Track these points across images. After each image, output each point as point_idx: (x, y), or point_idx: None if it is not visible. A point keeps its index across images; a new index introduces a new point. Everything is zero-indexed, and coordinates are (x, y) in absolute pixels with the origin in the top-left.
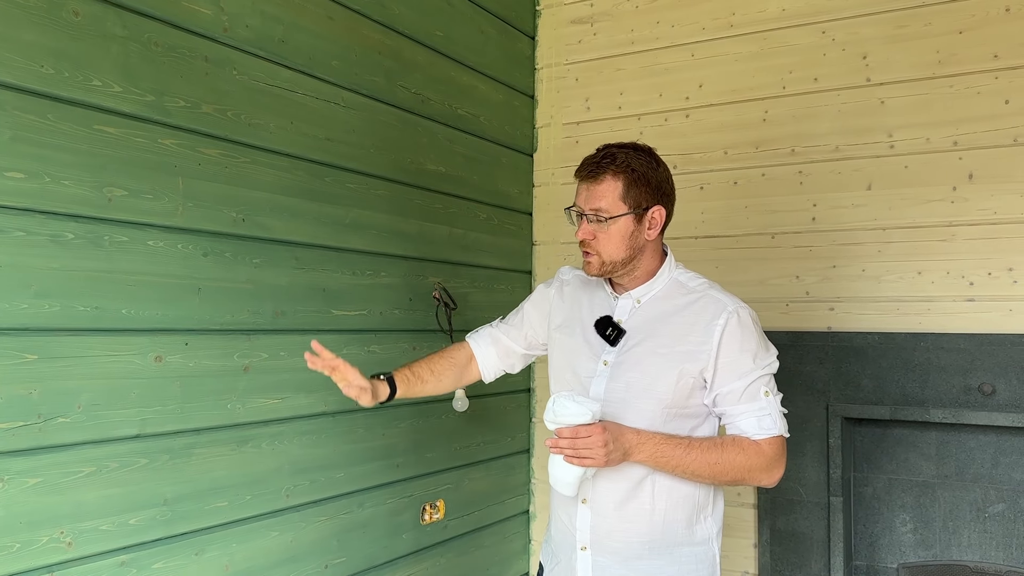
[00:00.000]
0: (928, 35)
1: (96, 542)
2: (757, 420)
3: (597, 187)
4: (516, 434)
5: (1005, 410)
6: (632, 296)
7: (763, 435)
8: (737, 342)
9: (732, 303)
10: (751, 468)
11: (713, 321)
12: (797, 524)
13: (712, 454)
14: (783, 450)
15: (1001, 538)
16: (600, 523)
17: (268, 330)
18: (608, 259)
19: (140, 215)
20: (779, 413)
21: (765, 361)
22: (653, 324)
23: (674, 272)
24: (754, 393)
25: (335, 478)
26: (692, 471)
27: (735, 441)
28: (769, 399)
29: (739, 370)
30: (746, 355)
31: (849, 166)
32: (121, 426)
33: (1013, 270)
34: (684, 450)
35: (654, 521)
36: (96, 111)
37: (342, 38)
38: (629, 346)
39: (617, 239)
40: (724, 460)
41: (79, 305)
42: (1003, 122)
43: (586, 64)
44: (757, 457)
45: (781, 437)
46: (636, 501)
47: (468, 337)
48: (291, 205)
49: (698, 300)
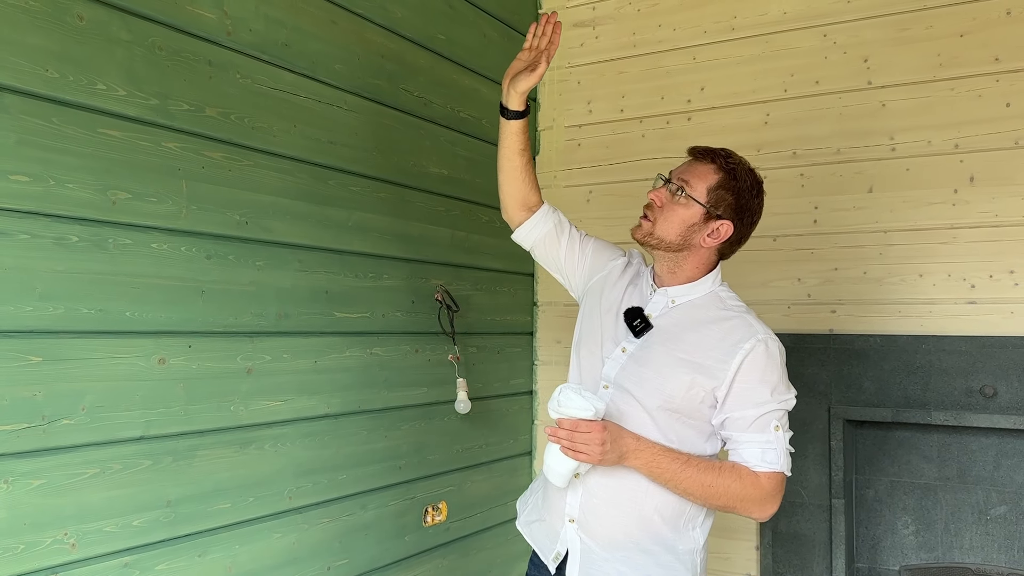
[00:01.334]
0: (929, 38)
1: (100, 543)
2: (761, 451)
3: (699, 166)
4: (518, 436)
5: (1007, 412)
6: (669, 294)
7: (764, 468)
8: (759, 371)
9: (763, 332)
10: (744, 498)
11: (739, 344)
12: (799, 526)
13: (707, 476)
14: (781, 487)
15: (1003, 540)
16: (589, 502)
17: (271, 332)
18: (658, 232)
19: (144, 218)
20: (785, 450)
21: (783, 396)
22: (680, 329)
23: (717, 287)
24: (764, 424)
25: (338, 480)
26: (685, 488)
27: (734, 468)
28: (778, 434)
29: (754, 399)
30: (765, 386)
31: (850, 169)
32: (125, 428)
33: (1014, 272)
34: (680, 465)
35: (641, 516)
36: (100, 115)
37: (345, 42)
38: (651, 343)
39: (678, 220)
40: (718, 484)
41: (83, 307)
42: (1004, 125)
43: (588, 67)
44: (753, 489)
45: (782, 474)
46: (627, 491)
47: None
48: (294, 208)
49: (731, 319)
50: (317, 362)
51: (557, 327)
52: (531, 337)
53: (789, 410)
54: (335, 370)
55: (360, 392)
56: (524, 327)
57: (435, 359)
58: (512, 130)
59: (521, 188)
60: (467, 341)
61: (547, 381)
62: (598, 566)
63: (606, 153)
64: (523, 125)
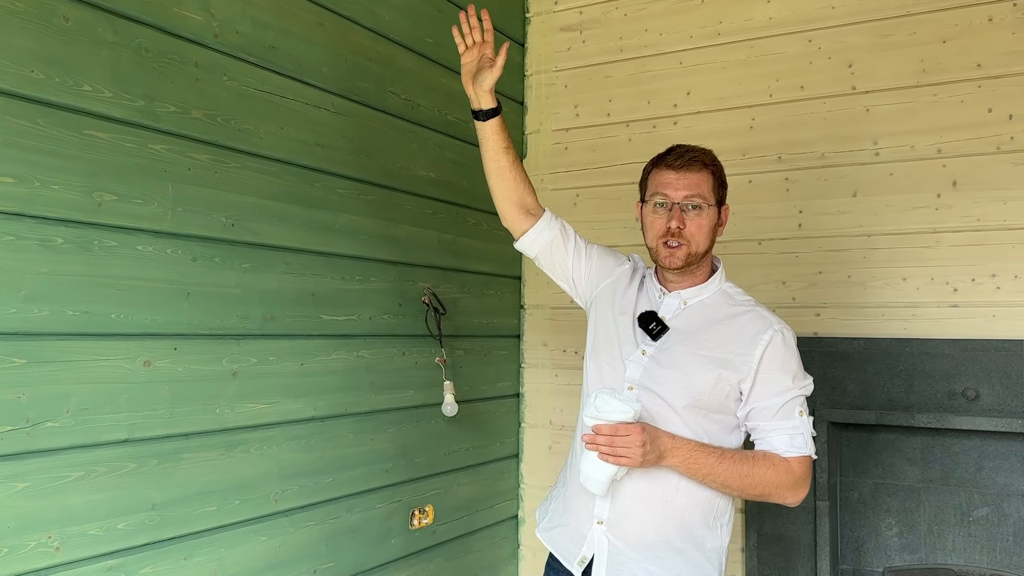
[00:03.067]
0: (913, 44)
1: (84, 547)
2: (789, 438)
3: (693, 176)
4: (505, 439)
5: (989, 415)
6: (680, 296)
7: (793, 453)
8: (780, 360)
9: (778, 323)
10: (779, 484)
11: (758, 336)
12: (784, 528)
13: (744, 466)
14: (810, 470)
15: (985, 541)
16: (620, 503)
17: (257, 335)
18: (695, 249)
19: (130, 220)
20: (810, 434)
21: (803, 382)
22: (696, 328)
23: (723, 283)
24: (789, 411)
25: (324, 483)
26: (722, 481)
27: (766, 456)
28: (803, 419)
29: (778, 387)
30: (787, 374)
31: (835, 173)
32: (110, 431)
33: (996, 276)
34: (716, 459)
35: (672, 515)
36: (86, 116)
37: (332, 44)
38: (670, 344)
39: (706, 229)
40: (755, 474)
41: (68, 309)
42: (986, 130)
43: (575, 71)
44: (786, 474)
45: (809, 457)
46: (658, 490)
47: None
48: (281, 210)
49: (744, 314)
50: (303, 365)
51: (544, 330)
52: (518, 340)
53: (808, 394)
54: (321, 373)
55: (346, 395)
56: (511, 330)
57: (422, 362)
58: (491, 130)
59: (513, 188)
60: (454, 344)
61: (534, 384)
62: (627, 567)
63: (593, 157)
64: (500, 123)
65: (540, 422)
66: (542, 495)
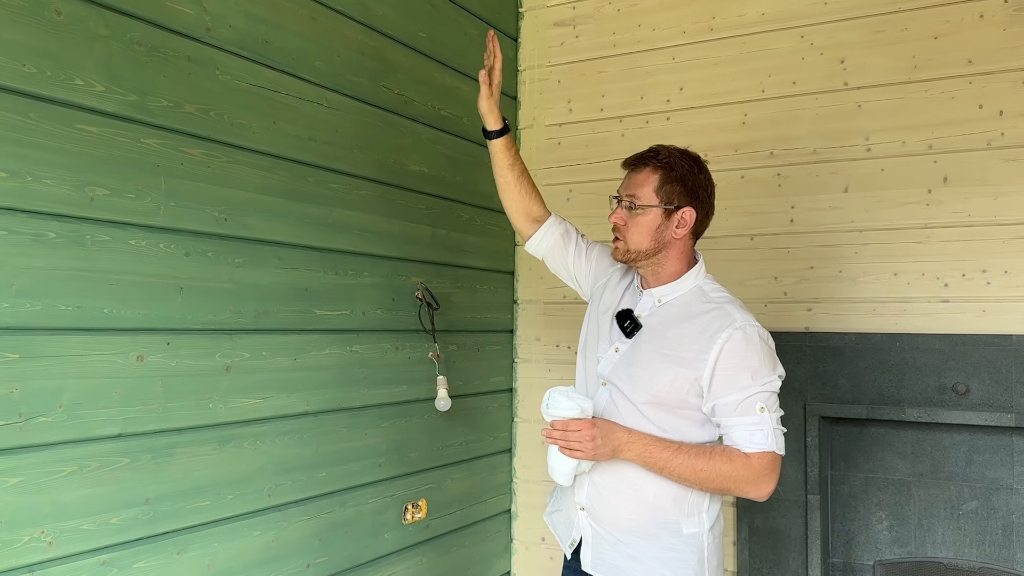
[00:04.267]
0: (904, 40)
1: (77, 542)
2: (749, 434)
3: (636, 176)
4: (499, 434)
5: (978, 409)
6: (654, 295)
7: (753, 449)
8: (738, 357)
9: (742, 320)
10: (737, 479)
11: (717, 334)
12: (775, 522)
13: (699, 460)
14: (774, 466)
15: (974, 535)
16: (596, 492)
17: (250, 330)
18: (633, 247)
19: (122, 214)
20: (773, 430)
21: (765, 379)
22: (666, 326)
23: (701, 280)
24: (749, 408)
25: (317, 478)
26: (679, 474)
27: (724, 451)
28: (764, 415)
29: (736, 384)
30: (745, 371)
31: (826, 169)
32: (103, 425)
33: (987, 271)
34: (672, 453)
35: (642, 503)
36: (78, 110)
37: (325, 39)
38: (640, 342)
39: (644, 229)
40: (710, 467)
41: (61, 304)
42: (977, 126)
43: (568, 66)
44: (744, 469)
45: (773, 453)
46: (628, 480)
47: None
48: (274, 205)
49: (711, 312)
50: (297, 360)
51: (537, 325)
52: (511, 335)
53: (775, 391)
54: (315, 368)
55: (340, 390)
56: (504, 325)
57: (415, 357)
58: (495, 149)
59: (519, 201)
60: (447, 339)
61: (527, 378)
62: (608, 551)
63: (586, 152)
64: (505, 142)
65: (533, 417)
66: (535, 489)
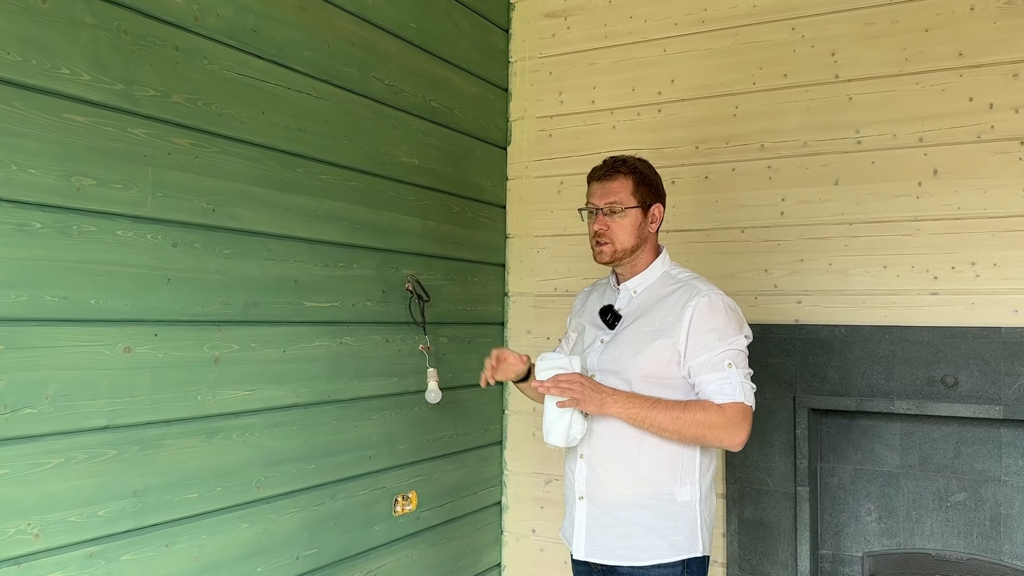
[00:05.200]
0: (895, 33)
1: (64, 534)
2: (719, 387)
3: (612, 184)
4: (489, 426)
5: (967, 401)
6: (629, 287)
7: (724, 400)
8: (705, 320)
9: (707, 290)
10: (711, 425)
11: (687, 303)
12: (764, 514)
13: (676, 410)
14: (745, 416)
15: (962, 526)
16: (594, 475)
17: (239, 321)
18: (620, 247)
19: (109, 205)
20: (741, 383)
21: (730, 339)
22: (643, 310)
23: (667, 267)
24: (717, 363)
25: (306, 470)
26: (659, 424)
27: (699, 402)
28: (732, 370)
29: (705, 344)
30: (712, 333)
31: (817, 161)
32: (90, 417)
33: (976, 264)
34: (651, 404)
35: (640, 476)
36: (64, 99)
37: (315, 28)
38: (622, 328)
39: (628, 229)
40: (687, 416)
41: (47, 295)
42: (967, 119)
43: (560, 58)
44: (717, 416)
45: (743, 404)
46: (626, 457)
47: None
48: (262, 196)
49: (679, 287)
50: (286, 351)
51: (528, 317)
52: (502, 327)
53: (742, 350)
54: (304, 360)
55: (329, 382)
56: (495, 317)
57: (405, 349)
58: (524, 386)
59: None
60: (438, 331)
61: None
62: (600, 534)
63: (577, 144)
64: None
65: (524, 409)
66: (525, 481)
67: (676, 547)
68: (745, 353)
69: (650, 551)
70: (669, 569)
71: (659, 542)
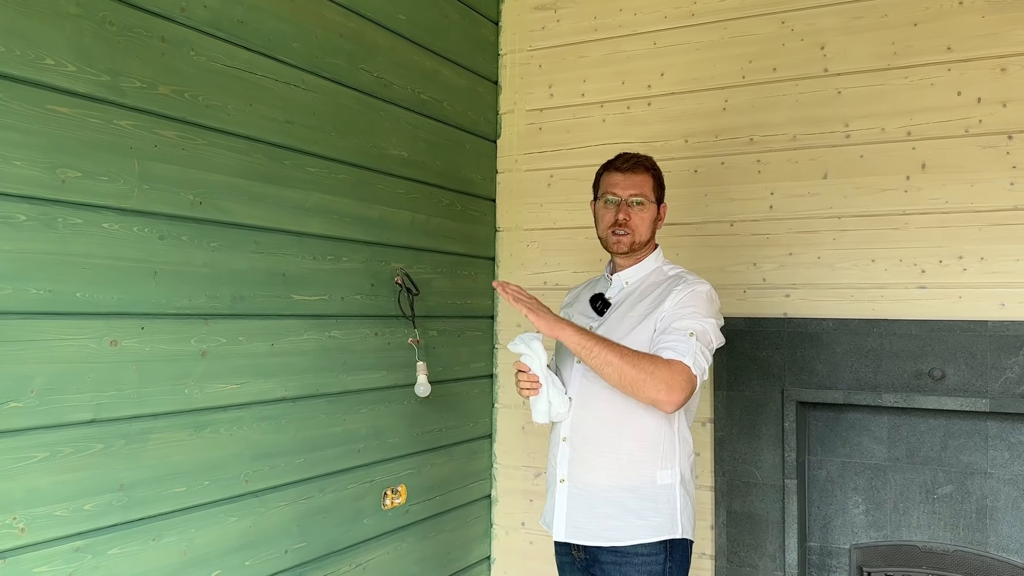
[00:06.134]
0: (884, 27)
1: (50, 528)
2: (672, 344)
3: (637, 177)
4: (479, 419)
5: (954, 394)
6: (622, 278)
7: (672, 356)
8: (683, 300)
9: (694, 281)
10: (653, 374)
11: (673, 289)
12: (753, 506)
13: (623, 349)
14: (689, 381)
15: (949, 518)
16: (576, 457)
17: (226, 315)
18: (638, 238)
19: (95, 197)
20: (694, 352)
21: (703, 317)
22: (633, 299)
23: (660, 263)
24: (680, 329)
25: (295, 464)
26: (605, 358)
27: (648, 353)
28: (691, 339)
29: (677, 315)
30: (687, 307)
31: (806, 155)
32: (76, 411)
33: (963, 258)
34: (600, 339)
35: (622, 459)
36: (49, 91)
37: (303, 20)
38: (612, 316)
39: (647, 222)
40: (632, 356)
41: (32, 288)
42: (955, 113)
43: (549, 51)
44: (661, 369)
45: (688, 368)
46: (609, 440)
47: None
48: (250, 188)
49: (669, 280)
50: (274, 345)
51: (518, 311)
52: (492, 321)
53: (709, 331)
54: (292, 353)
55: (318, 376)
56: (485, 311)
57: (395, 342)
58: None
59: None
60: (427, 324)
61: (507, 365)
62: (581, 516)
63: (567, 137)
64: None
65: (513, 402)
66: (515, 475)
67: (656, 529)
68: (710, 335)
69: (630, 532)
70: (650, 549)
71: (639, 523)
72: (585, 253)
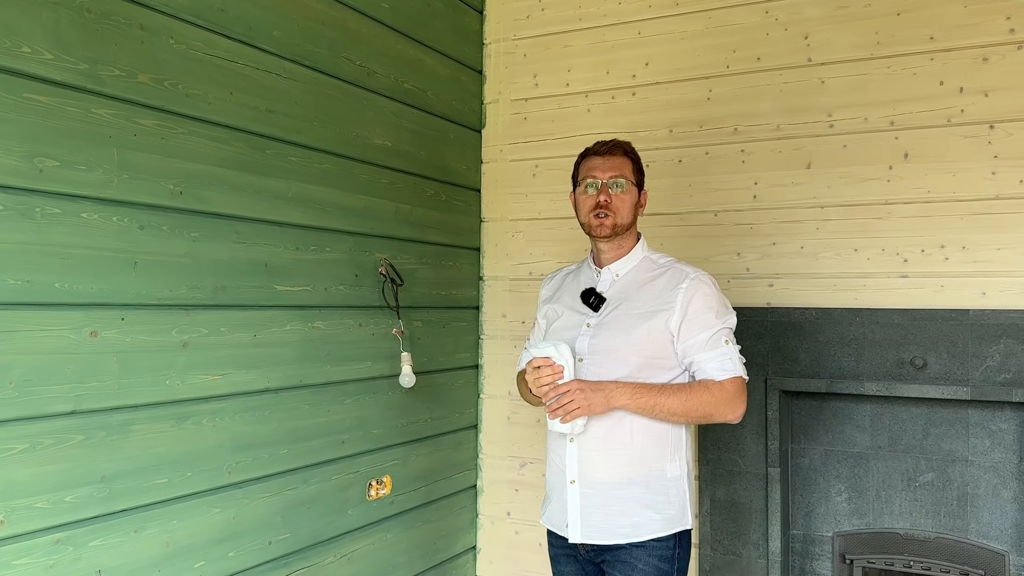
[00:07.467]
0: (867, 16)
1: (30, 520)
2: (719, 363)
3: (616, 160)
4: (464, 410)
5: (935, 383)
6: (612, 270)
7: (725, 375)
8: (701, 300)
9: (694, 272)
10: (716, 403)
11: (678, 285)
12: (737, 494)
13: (683, 393)
14: (743, 389)
15: (930, 506)
16: (586, 457)
17: (208, 305)
18: (620, 221)
19: (73, 186)
20: (738, 359)
21: (725, 316)
22: (628, 292)
23: (647, 252)
24: (716, 342)
25: (279, 455)
26: (668, 409)
27: (701, 383)
28: (729, 347)
29: (703, 323)
30: (709, 311)
31: (790, 145)
32: (55, 402)
33: (945, 247)
34: (658, 392)
35: (632, 455)
36: (26, 79)
37: (284, 7)
38: (608, 310)
39: (628, 205)
40: (693, 398)
41: (9, 278)
42: (937, 103)
43: (534, 40)
44: (720, 393)
45: (740, 377)
46: (617, 437)
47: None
48: (231, 178)
49: (665, 272)
50: (256, 336)
51: (503, 301)
52: (477, 311)
53: (733, 327)
54: (275, 344)
55: (301, 366)
56: (470, 301)
57: (379, 333)
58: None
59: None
60: (412, 315)
61: (493, 355)
62: (596, 514)
63: (552, 127)
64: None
65: (499, 393)
66: (500, 464)
67: (671, 521)
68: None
69: (646, 527)
70: (664, 542)
71: (655, 516)
72: (570, 243)
